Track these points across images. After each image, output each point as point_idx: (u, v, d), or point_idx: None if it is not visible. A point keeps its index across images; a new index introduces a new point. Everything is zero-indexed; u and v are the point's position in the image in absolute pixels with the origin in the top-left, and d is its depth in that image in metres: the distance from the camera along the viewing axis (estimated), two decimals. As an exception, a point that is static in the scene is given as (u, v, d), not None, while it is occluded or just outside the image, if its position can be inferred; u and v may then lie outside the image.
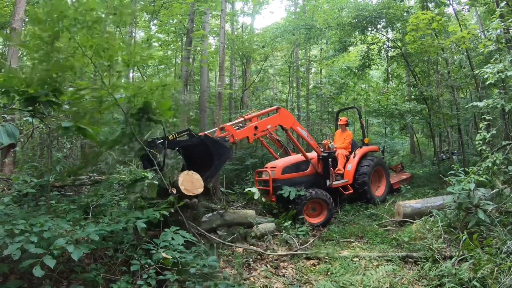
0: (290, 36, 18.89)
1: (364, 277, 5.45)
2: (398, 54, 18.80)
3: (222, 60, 12.41)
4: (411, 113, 17.09)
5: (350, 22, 17.06)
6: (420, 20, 12.47)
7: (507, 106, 8.04)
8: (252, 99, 20.51)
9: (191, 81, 17.82)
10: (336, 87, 19.28)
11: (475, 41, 12.78)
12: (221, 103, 12.49)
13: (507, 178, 7.44)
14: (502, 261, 4.97)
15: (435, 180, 13.27)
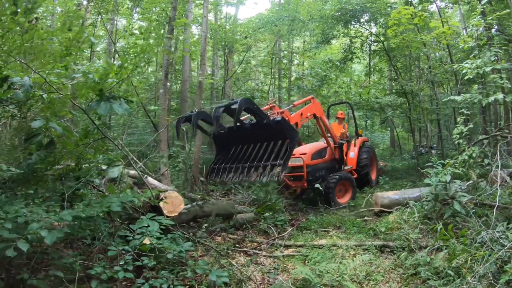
0: (273, 27, 18.82)
1: (341, 265, 5.49)
2: (380, 49, 18.95)
3: (204, 49, 12.31)
4: (392, 107, 17.28)
5: (333, 15, 17.09)
6: (402, 15, 12.56)
7: (484, 101, 8.18)
8: (234, 90, 20.40)
9: (173, 70, 17.61)
10: (318, 79, 19.32)
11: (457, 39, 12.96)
12: (201, 92, 12.40)
13: (483, 172, 7.59)
14: (476, 251, 5.05)
15: (413, 173, 13.52)
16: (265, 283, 5.40)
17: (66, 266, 4.42)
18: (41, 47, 5.11)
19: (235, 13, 25.75)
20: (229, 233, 7.53)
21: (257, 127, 7.86)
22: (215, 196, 9.71)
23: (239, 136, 8.43)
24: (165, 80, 11.22)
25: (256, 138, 8.26)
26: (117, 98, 5.15)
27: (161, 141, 10.68)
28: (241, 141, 8.57)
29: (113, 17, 17.79)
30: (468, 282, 4.46)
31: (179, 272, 4.96)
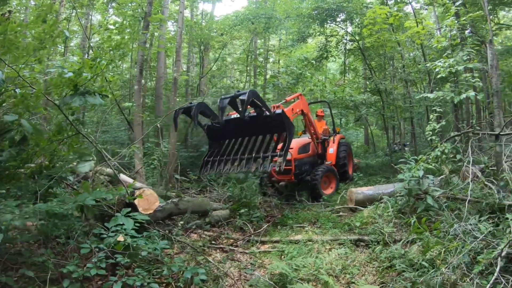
0: (249, 24, 18.79)
1: (317, 259, 5.53)
2: (355, 48, 19.17)
3: (179, 45, 12.22)
4: (366, 105, 17.52)
5: (310, 13, 17.19)
6: (378, 14, 12.75)
7: (456, 99, 8.41)
8: (209, 87, 20.27)
9: (148, 67, 17.38)
10: (293, 77, 19.43)
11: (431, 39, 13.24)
12: (176, 89, 12.29)
13: (455, 167, 7.78)
14: (449, 243, 5.17)
15: (387, 170, 13.76)
16: (242, 279, 5.39)
17: (38, 265, 4.32)
18: (14, 40, 4.96)
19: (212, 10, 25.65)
20: (205, 230, 7.48)
21: (256, 119, 8.16)
22: (191, 194, 9.63)
23: (236, 129, 8.65)
24: (140, 77, 11.06)
25: (254, 131, 8.59)
26: (92, 93, 5.07)
27: (136, 138, 10.52)
28: (238, 133, 8.81)
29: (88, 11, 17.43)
30: (442, 273, 4.54)
31: (154, 270, 4.89)
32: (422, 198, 7.04)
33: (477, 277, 4.29)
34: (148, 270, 4.82)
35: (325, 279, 4.81)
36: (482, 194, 6.67)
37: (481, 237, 4.94)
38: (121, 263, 4.63)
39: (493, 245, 4.74)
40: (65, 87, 5.19)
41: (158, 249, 5.13)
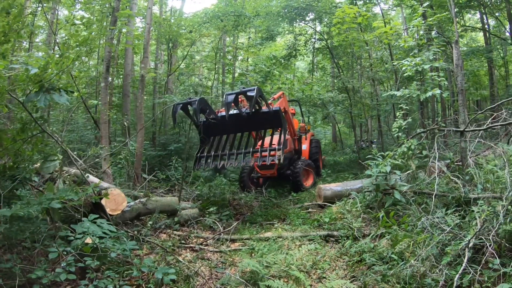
0: (218, 22, 18.67)
1: (287, 256, 5.54)
2: (323, 47, 19.36)
3: (147, 41, 11.98)
4: (333, 103, 17.75)
5: (279, 12, 17.24)
6: (346, 14, 12.93)
7: (422, 96, 8.63)
8: (177, 85, 20.03)
9: (115, 64, 16.99)
10: (262, 75, 19.44)
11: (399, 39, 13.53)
12: (143, 87, 12.04)
13: (421, 163, 7.98)
14: (417, 236, 5.29)
15: (355, 166, 14.02)
16: (213, 278, 5.34)
17: (5, 271, 4.15)
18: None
19: (181, 7, 25.35)
20: (174, 230, 7.37)
21: (253, 115, 8.57)
22: (159, 193, 9.49)
23: (233, 124, 9.07)
24: (107, 74, 10.78)
25: (251, 126, 9.49)
26: (57, 90, 4.91)
27: (102, 137, 10.27)
28: (234, 129, 9.41)
29: (54, 6, 16.84)
30: (412, 265, 4.64)
31: (124, 271, 4.78)
32: (389, 193, 7.20)
33: (445, 268, 4.39)
34: (118, 272, 4.72)
35: (297, 275, 4.83)
36: (448, 188, 6.86)
37: (448, 230, 5.07)
38: (91, 266, 4.49)
39: (460, 237, 4.87)
40: (30, 84, 4.99)
41: (127, 250, 5.02)
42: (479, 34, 25.80)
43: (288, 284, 4.62)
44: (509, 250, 4.45)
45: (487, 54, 19.34)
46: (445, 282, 4.23)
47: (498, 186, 5.98)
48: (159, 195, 9.23)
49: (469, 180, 6.66)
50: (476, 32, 25.42)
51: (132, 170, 10.68)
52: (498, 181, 6.09)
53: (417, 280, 4.47)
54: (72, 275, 4.25)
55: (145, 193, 8.43)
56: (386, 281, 4.70)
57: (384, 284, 4.68)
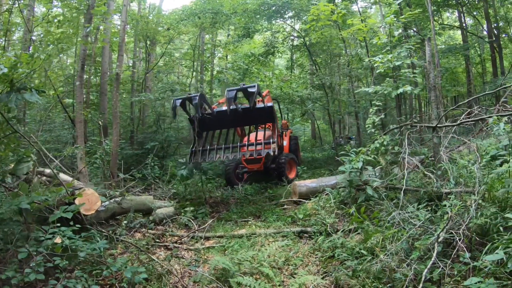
0: (196, 19, 18.58)
1: (259, 252, 5.56)
2: (301, 44, 19.41)
3: (122, 39, 11.85)
4: (312, 100, 17.83)
5: (256, 9, 17.22)
6: (322, 11, 12.96)
7: (394, 93, 8.73)
8: (155, 82, 19.86)
9: (92, 62, 16.74)
10: (240, 73, 19.42)
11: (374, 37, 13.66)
12: (119, 85, 11.90)
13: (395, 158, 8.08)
14: (388, 230, 5.34)
15: (332, 163, 14.14)
16: (187, 276, 5.33)
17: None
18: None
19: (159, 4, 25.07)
20: (149, 229, 7.33)
21: (247, 111, 9.27)
22: (135, 192, 9.40)
23: (227, 120, 9.61)
24: (82, 72, 10.62)
25: (244, 121, 10.36)
26: (29, 89, 4.84)
27: (78, 136, 10.12)
28: (229, 124, 10.15)
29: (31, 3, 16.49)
30: (381, 260, 4.68)
31: (97, 271, 4.74)
32: (363, 188, 7.28)
33: (415, 263, 4.42)
34: (89, 272, 4.68)
35: (267, 271, 4.85)
36: (422, 183, 6.95)
37: (419, 224, 5.12)
38: (60, 266, 4.46)
39: (431, 231, 4.93)
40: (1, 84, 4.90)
41: (97, 249, 4.97)
42: (457, 32, 26.23)
43: (258, 281, 4.63)
44: (479, 244, 4.49)
45: (464, 52, 19.69)
46: (415, 276, 4.25)
47: (471, 181, 6.07)
48: (135, 194, 9.14)
49: (442, 175, 6.75)
50: (454, 30, 25.83)
51: (107, 169, 10.56)
52: (471, 176, 6.18)
53: (387, 275, 4.50)
54: (41, 275, 4.20)
55: (120, 192, 8.37)
56: (356, 276, 4.74)
57: (354, 279, 4.71)
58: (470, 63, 21.28)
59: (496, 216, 4.54)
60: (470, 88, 20.03)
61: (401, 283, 4.22)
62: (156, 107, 16.62)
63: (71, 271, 4.72)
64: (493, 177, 5.30)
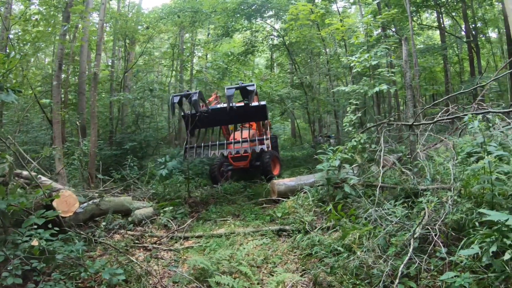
0: (175, 18, 18.46)
1: (238, 251, 5.57)
2: (280, 43, 19.48)
3: (100, 38, 11.70)
4: (291, 99, 17.93)
5: (235, 8, 17.21)
6: (300, 10, 13.04)
7: (370, 92, 8.86)
8: (134, 82, 19.65)
9: (70, 61, 16.48)
10: (219, 72, 19.38)
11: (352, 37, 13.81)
12: (96, 84, 11.74)
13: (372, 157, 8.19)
14: (365, 227, 5.42)
15: (311, 161, 14.24)
16: (166, 277, 5.30)
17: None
18: None
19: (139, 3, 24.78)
20: (128, 230, 7.26)
21: (241, 109, 10.04)
22: (114, 193, 9.30)
23: (222, 117, 10.54)
24: (59, 71, 10.44)
25: (239, 119, 11.11)
26: (5, 89, 4.77)
27: (55, 137, 9.97)
28: (223, 121, 11.09)
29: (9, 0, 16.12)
30: (358, 256, 4.75)
31: (75, 273, 4.67)
32: (340, 186, 7.36)
33: (392, 259, 4.51)
34: (69, 275, 4.63)
35: (246, 270, 4.85)
36: (398, 180, 7.06)
37: (395, 221, 5.21)
38: (38, 269, 4.41)
39: (408, 228, 5.01)
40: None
41: (75, 251, 4.91)
42: (435, 33, 26.70)
43: (237, 280, 4.64)
44: (455, 239, 4.58)
45: (443, 52, 20.05)
46: (392, 271, 4.31)
47: (447, 178, 6.18)
48: (114, 195, 9.05)
49: (418, 172, 6.87)
50: (433, 31, 26.28)
51: (86, 170, 10.42)
52: (447, 173, 6.30)
53: (364, 271, 4.57)
54: (18, 279, 4.13)
55: (99, 193, 8.26)
56: (334, 273, 4.79)
57: (333, 276, 4.76)
58: (448, 63, 21.69)
59: (471, 212, 4.63)
60: (448, 87, 20.41)
61: (378, 279, 4.27)
62: (135, 107, 16.47)
63: (49, 274, 4.66)
64: (468, 174, 5.40)
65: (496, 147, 5.09)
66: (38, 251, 4.56)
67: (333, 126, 22.73)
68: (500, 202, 4.55)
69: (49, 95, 15.82)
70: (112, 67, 19.46)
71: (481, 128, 5.39)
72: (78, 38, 15.24)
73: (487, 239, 3.81)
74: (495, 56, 24.42)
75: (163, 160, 12.00)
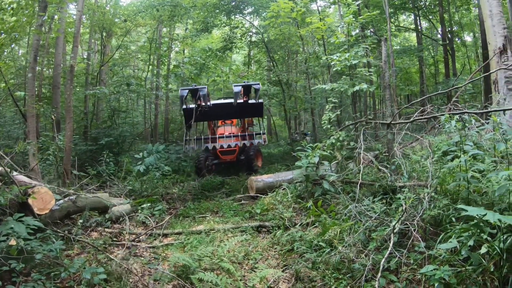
0: (154, 12, 18.20)
1: (219, 248, 5.55)
2: (259, 40, 19.49)
3: (78, 30, 11.36)
4: (268, 96, 17.98)
5: (216, 3, 17.12)
6: (281, 8, 13.08)
7: (349, 90, 8.98)
8: (110, 76, 19.29)
9: (45, 53, 16.04)
10: (197, 67, 19.25)
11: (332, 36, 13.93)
12: (72, 78, 11.44)
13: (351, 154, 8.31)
14: (345, 223, 5.50)
15: (288, 158, 14.38)
16: (147, 275, 5.23)
17: None
18: None
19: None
20: (106, 227, 7.13)
21: (240, 106, 11.84)
22: (90, 190, 9.11)
23: (222, 112, 12.51)
24: (34, 63, 10.14)
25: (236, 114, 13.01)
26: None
27: (29, 132, 9.69)
28: (224, 116, 13.08)
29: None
30: (340, 251, 4.83)
31: (54, 273, 4.56)
32: (319, 183, 7.46)
33: (373, 253, 4.60)
34: (48, 275, 4.52)
35: (227, 266, 4.84)
36: (376, 177, 7.17)
37: (375, 216, 5.31)
38: (16, 270, 4.28)
39: (387, 223, 5.11)
40: None
41: (54, 250, 4.80)
42: (412, 35, 27.20)
43: (220, 276, 4.62)
44: (433, 234, 4.68)
45: (419, 53, 20.45)
46: (373, 266, 4.40)
47: (423, 175, 6.31)
48: (90, 192, 8.87)
49: (396, 170, 7.00)
50: (410, 33, 26.76)
51: (61, 166, 10.17)
52: (423, 170, 6.43)
53: (346, 266, 4.64)
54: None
55: (74, 190, 8.09)
56: (316, 268, 4.84)
57: (315, 271, 4.81)
58: (424, 64, 22.14)
59: (448, 208, 4.75)
60: (423, 87, 20.84)
61: (360, 273, 4.35)
62: (111, 102, 16.17)
63: (28, 274, 4.53)
64: (444, 172, 5.54)
65: (471, 146, 5.22)
66: (16, 251, 4.42)
67: (310, 124, 22.95)
68: (475, 198, 4.68)
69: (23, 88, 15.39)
70: (88, 60, 19.05)
71: (458, 128, 5.53)
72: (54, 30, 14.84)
73: (464, 234, 3.91)
74: (469, 59, 25.06)
75: (141, 156, 11.85)
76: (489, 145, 6.15)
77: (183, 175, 12.58)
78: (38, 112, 11.11)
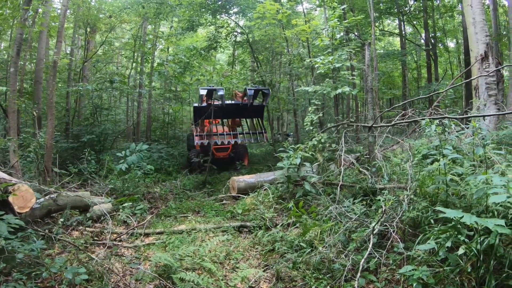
0: (140, 8, 18.06)
1: (200, 248, 5.56)
2: (244, 40, 19.52)
3: (62, 24, 11.20)
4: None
5: (202, 2, 17.09)
6: (267, 9, 13.14)
7: (332, 93, 9.10)
8: (93, 72, 19.08)
9: (27, 47, 15.79)
10: (181, 66, 19.19)
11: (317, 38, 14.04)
12: (55, 73, 11.29)
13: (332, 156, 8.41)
14: (325, 224, 5.57)
15: (270, 158, 14.53)
16: (128, 274, 5.21)
17: None
18: None
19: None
20: (87, 226, 7.07)
21: (244, 107, 13.27)
22: (71, 188, 8.99)
23: (230, 112, 13.70)
24: (17, 58, 9.98)
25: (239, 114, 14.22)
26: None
27: (11, 128, 9.53)
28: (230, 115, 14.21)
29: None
30: (320, 252, 4.89)
31: (35, 273, 4.52)
32: (300, 184, 7.54)
33: (352, 254, 4.68)
34: (29, 274, 4.47)
35: (209, 266, 4.87)
36: (357, 179, 7.30)
37: (355, 218, 5.41)
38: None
39: (367, 224, 5.21)
40: None
41: (35, 250, 4.76)
42: (396, 39, 27.54)
43: (201, 276, 4.64)
44: (412, 235, 4.76)
45: (402, 58, 20.75)
46: (353, 266, 4.48)
47: (403, 178, 6.41)
48: (71, 190, 8.77)
49: (376, 172, 7.11)
50: (394, 37, 27.09)
51: (42, 164, 10.03)
52: (403, 173, 6.54)
53: (326, 266, 4.70)
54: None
55: (55, 188, 7.99)
56: (297, 268, 4.90)
57: (295, 271, 4.86)
58: (407, 68, 22.47)
59: (427, 210, 4.84)
60: (405, 91, 21.13)
61: (340, 273, 4.42)
62: (94, 99, 16.01)
63: (8, 274, 4.47)
64: (424, 174, 5.64)
65: (451, 150, 5.33)
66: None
67: (292, 125, 23.06)
68: (454, 201, 4.77)
69: (4, 83, 15.12)
70: (71, 55, 18.81)
71: (438, 132, 5.65)
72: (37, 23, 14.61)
73: (442, 235, 4.00)
74: (452, 65, 25.55)
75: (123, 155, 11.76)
76: (468, 149, 6.26)
77: (165, 174, 12.53)
78: (19, 108, 10.93)
